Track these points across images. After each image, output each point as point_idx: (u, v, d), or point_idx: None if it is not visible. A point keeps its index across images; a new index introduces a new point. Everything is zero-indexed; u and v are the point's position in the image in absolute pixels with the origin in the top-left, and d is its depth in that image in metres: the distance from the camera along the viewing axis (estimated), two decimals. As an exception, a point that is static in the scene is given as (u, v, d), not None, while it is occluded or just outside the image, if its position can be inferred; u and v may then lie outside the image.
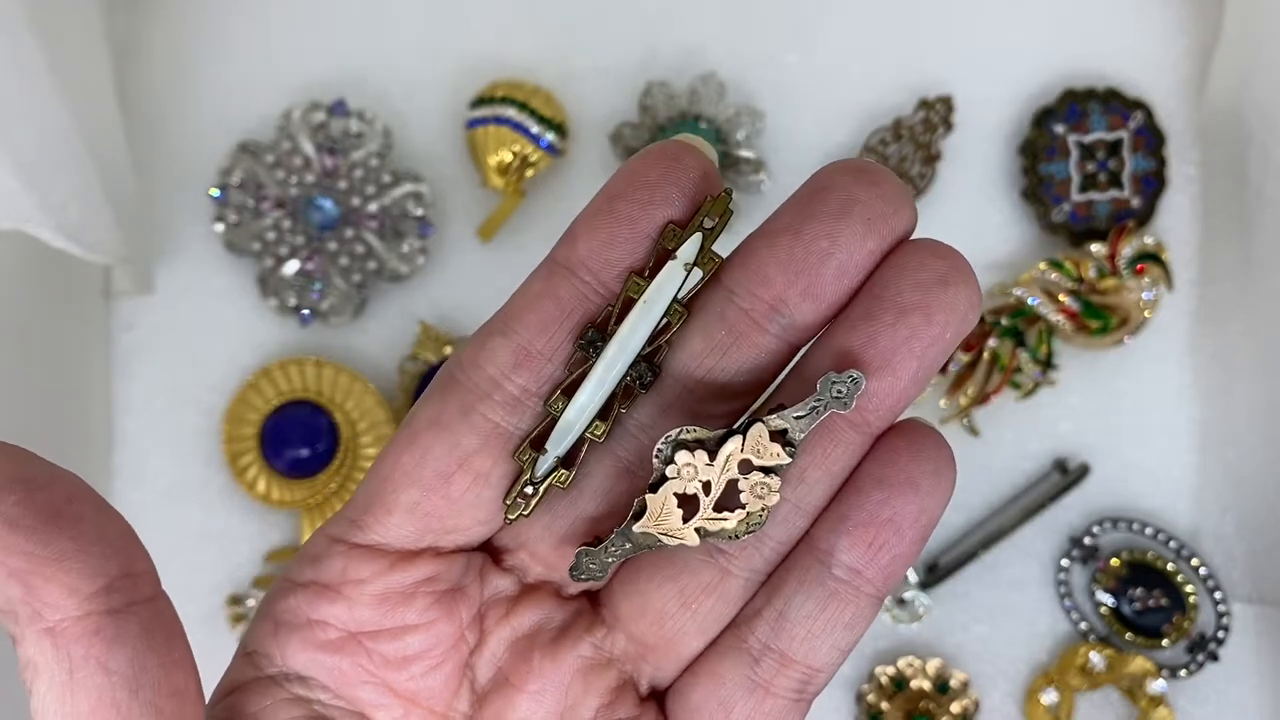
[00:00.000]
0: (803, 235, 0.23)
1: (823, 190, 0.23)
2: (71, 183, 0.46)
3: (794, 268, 0.23)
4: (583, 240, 0.24)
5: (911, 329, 0.23)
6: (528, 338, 0.23)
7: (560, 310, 0.23)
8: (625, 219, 0.23)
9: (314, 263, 0.53)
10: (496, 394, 0.24)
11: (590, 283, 0.24)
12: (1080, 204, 0.54)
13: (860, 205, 0.23)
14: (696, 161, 0.24)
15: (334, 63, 0.56)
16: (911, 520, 0.23)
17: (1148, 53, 0.56)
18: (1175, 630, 0.52)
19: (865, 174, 0.23)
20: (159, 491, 0.54)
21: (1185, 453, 0.54)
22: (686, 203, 0.23)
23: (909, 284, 0.23)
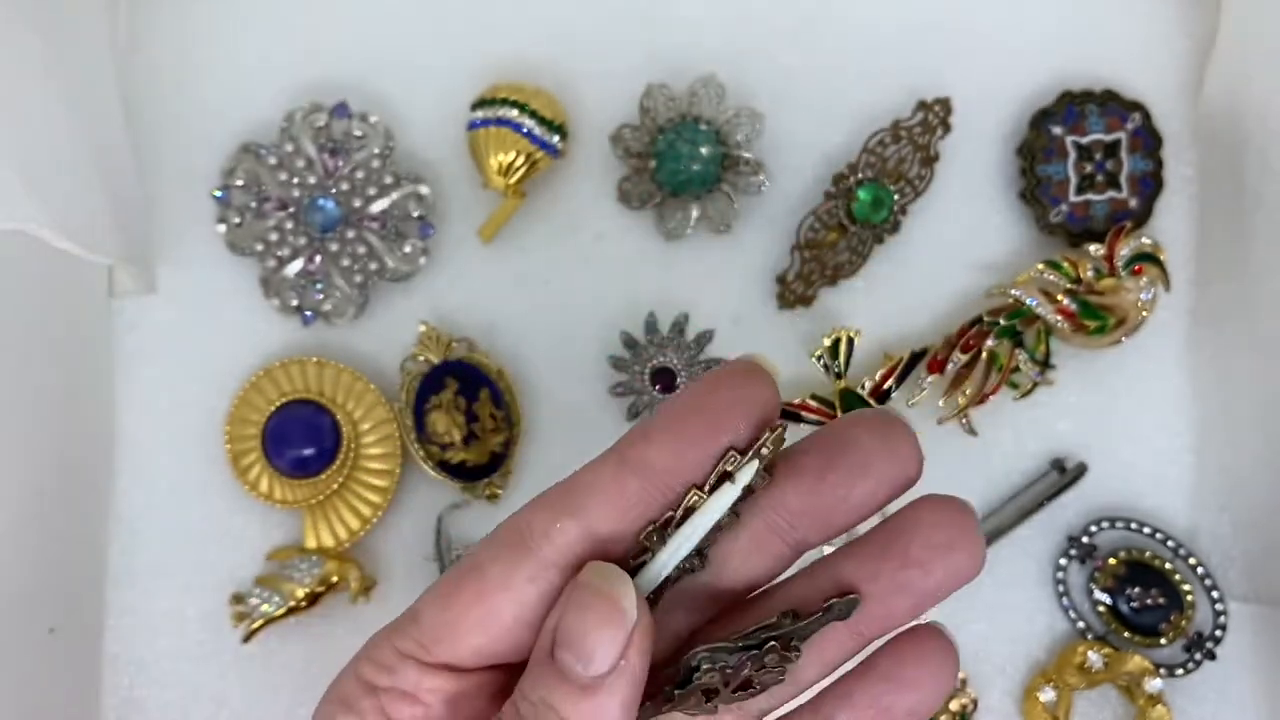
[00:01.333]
0: (825, 481, 0.27)
1: (847, 446, 0.27)
2: (74, 183, 0.46)
3: (813, 504, 0.27)
4: (655, 448, 0.27)
5: (910, 579, 0.27)
6: (594, 523, 0.27)
7: (625, 504, 0.27)
8: (695, 440, 0.27)
9: (316, 263, 0.53)
10: (561, 563, 0.27)
11: (655, 482, 0.27)
12: (1078, 205, 0.54)
13: (876, 465, 0.27)
14: (762, 384, 0.27)
15: (336, 65, 0.56)
16: (904, 712, 0.28)
17: (1145, 54, 0.56)
18: (1173, 629, 0.52)
19: (885, 435, 0.27)
20: (161, 491, 0.54)
21: (1182, 452, 0.54)
22: (751, 432, 0.27)
23: (919, 543, 0.27)
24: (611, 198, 0.55)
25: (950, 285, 0.55)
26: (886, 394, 0.53)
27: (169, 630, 0.53)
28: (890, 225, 0.54)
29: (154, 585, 0.54)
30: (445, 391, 0.52)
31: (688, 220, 0.54)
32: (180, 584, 0.54)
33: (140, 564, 0.53)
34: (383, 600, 0.53)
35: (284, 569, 0.52)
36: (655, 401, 0.53)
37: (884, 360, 0.53)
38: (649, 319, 0.54)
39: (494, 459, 0.53)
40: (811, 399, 0.53)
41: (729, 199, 0.54)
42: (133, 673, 0.53)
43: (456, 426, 0.52)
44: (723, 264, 0.55)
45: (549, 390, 0.54)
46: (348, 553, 0.53)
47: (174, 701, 0.53)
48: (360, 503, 0.53)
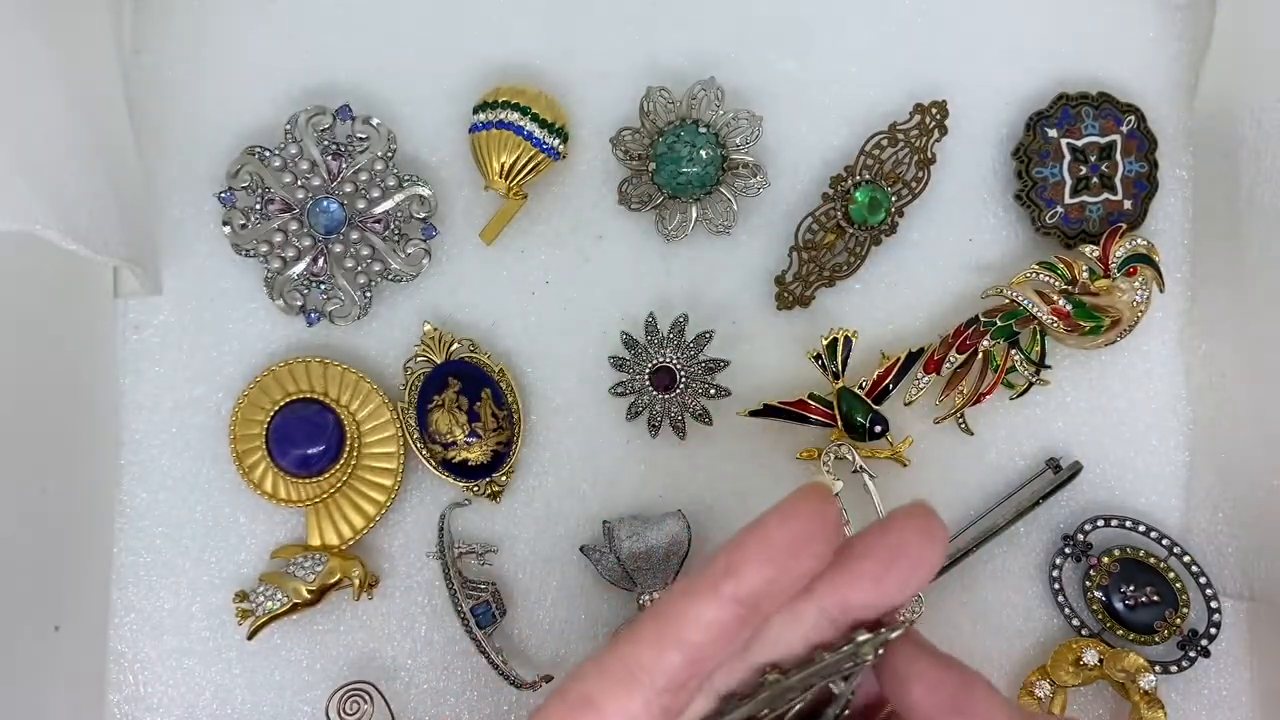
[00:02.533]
0: (883, 585, 0.31)
1: (899, 553, 0.31)
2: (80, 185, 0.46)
3: (872, 601, 0.31)
4: (747, 581, 0.30)
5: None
6: (699, 652, 0.30)
7: (722, 633, 0.30)
8: (784, 567, 0.30)
9: (320, 264, 0.54)
10: (669, 687, 0.30)
11: (748, 608, 0.30)
12: (1073, 207, 0.54)
13: (923, 565, 0.31)
14: (833, 512, 0.30)
15: (339, 68, 0.56)
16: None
17: (1140, 57, 0.57)
18: (1167, 626, 0.52)
19: (926, 536, 0.31)
20: (167, 489, 0.54)
21: (1176, 451, 0.55)
22: (828, 548, 0.30)
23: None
24: (612, 199, 0.55)
25: (946, 286, 0.55)
26: (884, 394, 0.53)
27: (174, 628, 0.54)
28: (887, 227, 0.54)
29: (159, 583, 0.54)
30: (448, 391, 0.53)
31: (687, 222, 0.54)
32: (185, 582, 0.54)
33: (145, 562, 0.54)
34: (386, 598, 0.54)
35: (288, 567, 0.52)
36: (655, 401, 0.54)
37: (881, 360, 0.53)
38: (649, 319, 0.54)
39: (496, 458, 0.53)
40: (810, 398, 0.53)
41: (728, 201, 0.54)
42: (138, 670, 0.53)
43: (459, 426, 0.52)
44: (722, 265, 0.55)
45: (550, 390, 0.55)
46: (351, 550, 0.53)
47: (179, 698, 0.53)
48: (364, 501, 0.53)
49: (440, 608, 0.53)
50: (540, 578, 0.54)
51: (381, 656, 0.53)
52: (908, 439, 0.53)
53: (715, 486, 0.54)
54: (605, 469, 0.54)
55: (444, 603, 0.52)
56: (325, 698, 0.52)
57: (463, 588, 0.51)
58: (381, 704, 0.51)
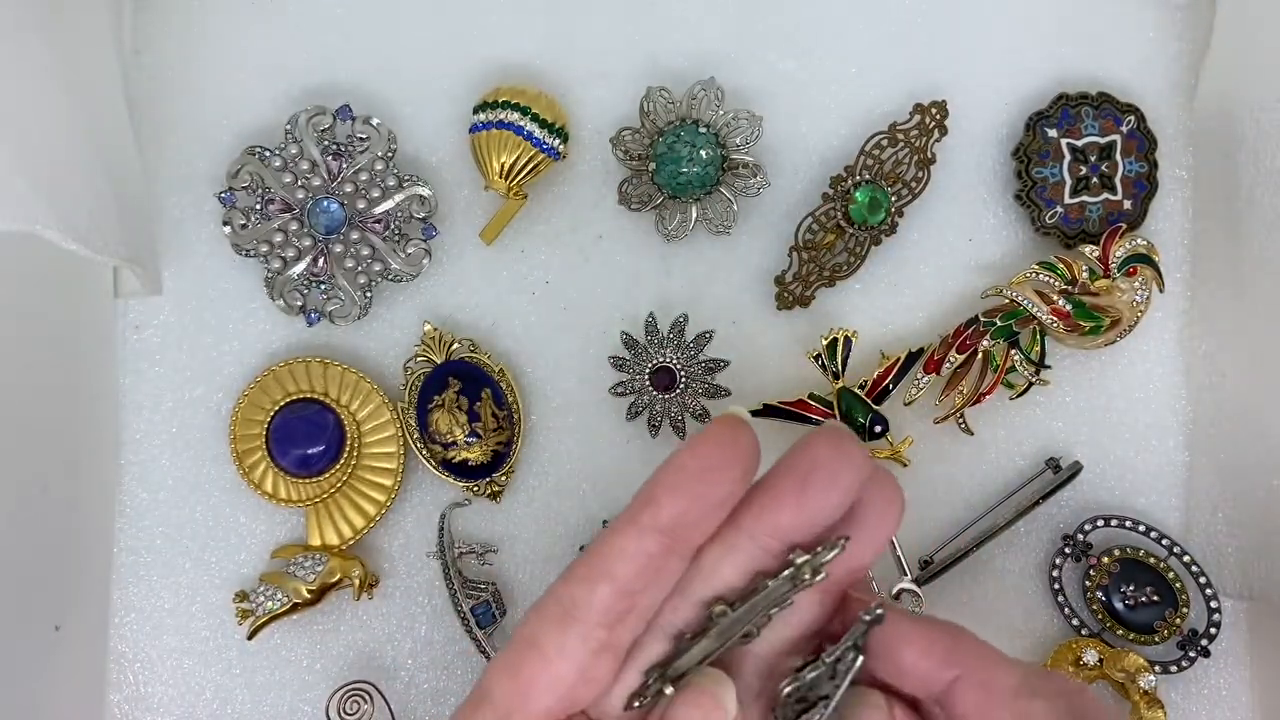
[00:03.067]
0: (806, 500, 0.32)
1: (807, 464, 0.32)
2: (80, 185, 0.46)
3: (799, 521, 0.32)
4: (666, 509, 0.31)
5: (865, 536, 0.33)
6: (624, 582, 0.31)
7: (649, 561, 0.31)
8: (697, 495, 0.31)
9: (320, 265, 0.54)
10: (603, 621, 0.31)
11: (670, 538, 0.31)
12: (1073, 207, 0.54)
13: (839, 479, 0.31)
14: (744, 436, 0.31)
15: (340, 68, 0.56)
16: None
17: (1140, 57, 0.57)
18: (1167, 626, 0.52)
19: (840, 450, 0.32)
20: (167, 489, 0.54)
21: (1176, 451, 0.55)
22: (741, 475, 0.31)
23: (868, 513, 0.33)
24: (612, 200, 0.55)
25: (946, 286, 0.55)
26: (884, 393, 0.53)
27: (174, 627, 0.54)
28: (887, 227, 0.54)
29: (159, 583, 0.54)
30: (448, 391, 0.53)
31: (687, 222, 0.54)
32: (185, 581, 0.54)
33: (145, 562, 0.54)
34: (386, 597, 0.54)
35: (288, 566, 0.52)
36: (655, 401, 0.54)
37: (881, 360, 0.53)
38: (649, 319, 0.54)
39: (496, 458, 0.53)
40: (810, 398, 0.53)
41: (728, 201, 0.54)
42: (138, 670, 0.54)
43: (459, 425, 0.52)
44: (722, 265, 0.55)
45: (550, 390, 0.55)
46: (351, 550, 0.53)
47: (179, 698, 0.53)
48: (364, 501, 0.53)
49: (440, 608, 0.53)
50: (540, 578, 0.54)
51: (381, 656, 0.53)
52: (907, 439, 0.53)
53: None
54: (605, 469, 0.55)
55: (444, 603, 0.52)
56: (325, 698, 0.52)
57: (463, 588, 0.51)
58: (381, 704, 0.51)
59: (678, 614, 0.32)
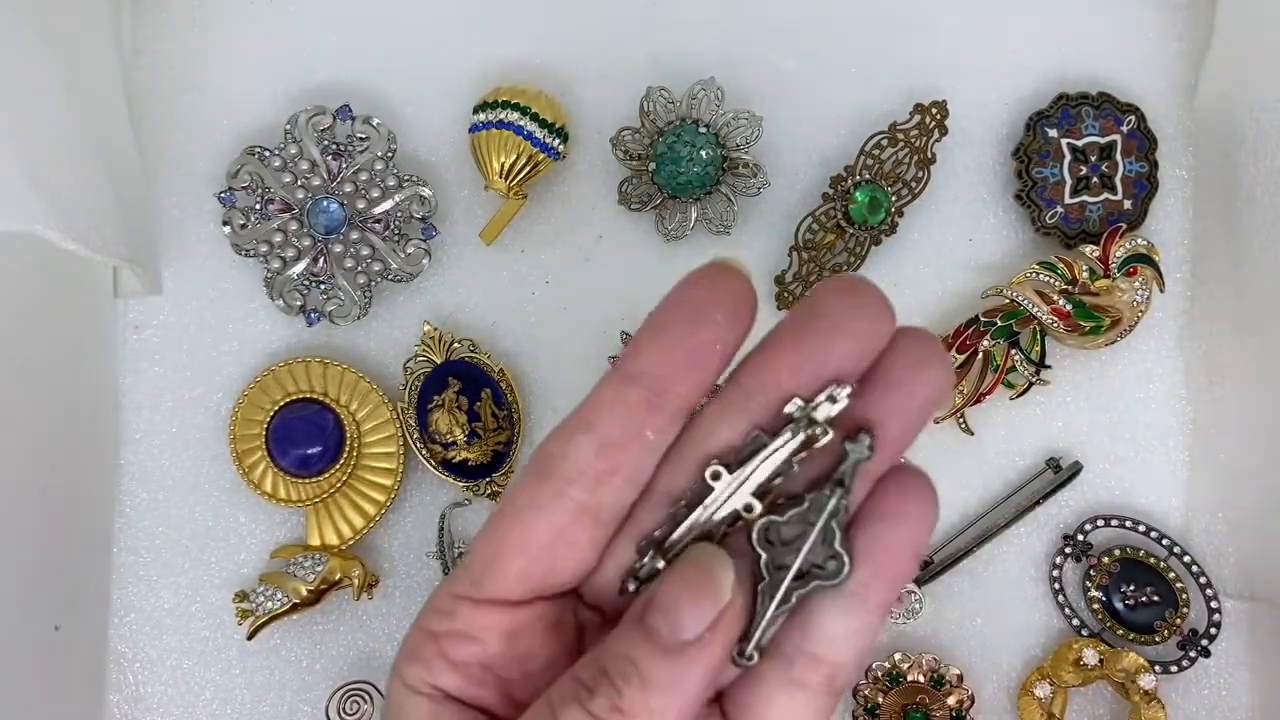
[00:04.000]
0: (803, 347, 0.29)
1: (816, 309, 0.29)
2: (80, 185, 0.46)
3: (798, 372, 0.29)
4: (645, 357, 0.29)
5: (896, 399, 0.29)
6: (605, 434, 0.29)
7: (629, 411, 0.29)
8: (680, 338, 0.28)
9: (320, 264, 0.54)
10: (580, 480, 0.29)
11: (652, 387, 0.28)
12: (1073, 207, 0.54)
13: (847, 324, 0.28)
14: (735, 281, 0.29)
15: (339, 68, 0.56)
16: (904, 545, 0.29)
17: (1140, 57, 0.57)
18: (1167, 626, 0.52)
19: (849, 291, 0.28)
20: (166, 489, 0.54)
21: (1176, 451, 0.55)
22: (729, 319, 0.29)
23: (895, 365, 0.29)
24: (612, 200, 0.55)
25: (946, 286, 0.55)
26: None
27: (174, 627, 0.54)
28: (887, 227, 0.54)
29: (158, 583, 0.54)
30: (448, 391, 0.52)
31: (687, 222, 0.54)
32: (185, 581, 0.54)
33: (145, 562, 0.54)
34: (386, 597, 0.54)
35: (288, 567, 0.52)
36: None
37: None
38: (649, 319, 0.54)
39: (496, 458, 0.53)
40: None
41: (728, 201, 0.54)
42: (137, 670, 0.53)
43: (459, 426, 0.52)
44: (722, 265, 0.55)
45: (550, 390, 0.55)
46: (351, 550, 0.53)
47: (179, 698, 0.53)
48: (363, 501, 0.53)
49: (440, 608, 0.53)
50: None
51: (381, 656, 0.53)
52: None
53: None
54: (605, 469, 0.54)
55: (444, 603, 0.52)
56: (325, 698, 0.52)
57: (463, 588, 0.51)
58: (382, 704, 0.51)
59: (675, 478, 0.30)
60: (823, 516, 0.29)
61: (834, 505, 0.29)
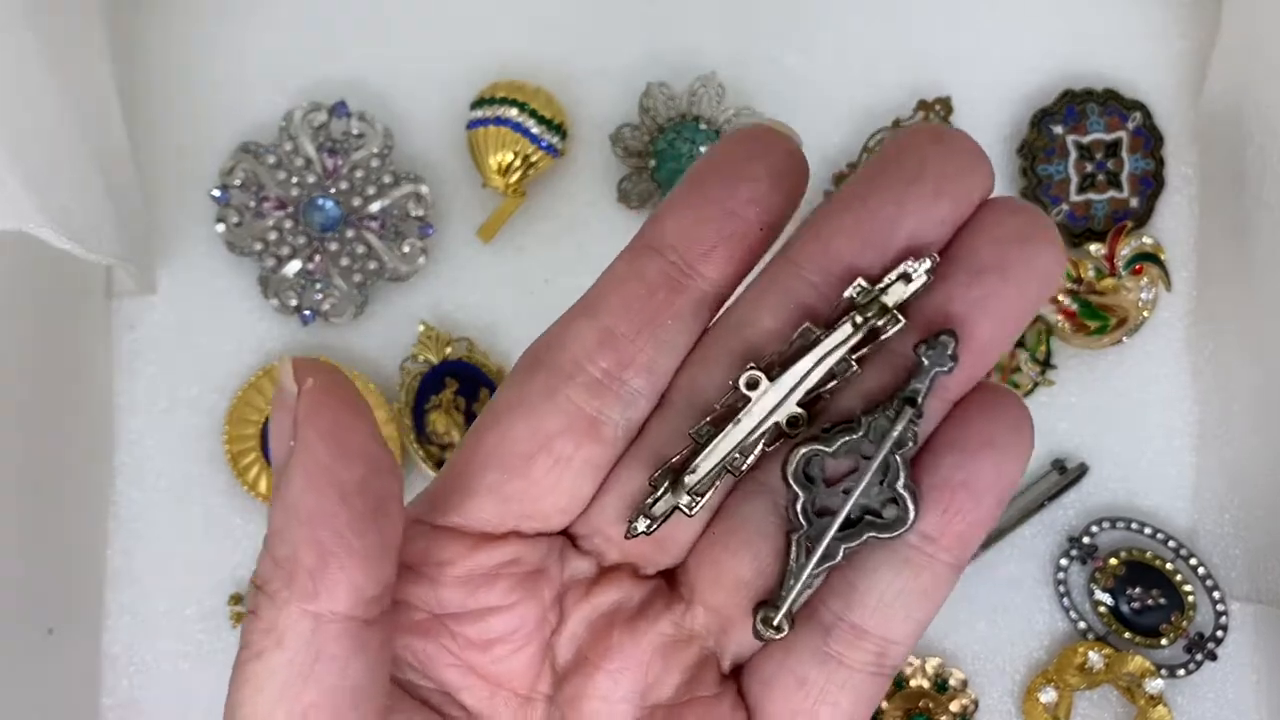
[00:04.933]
0: (869, 203, 0.22)
1: (891, 155, 0.22)
2: (73, 183, 0.46)
3: (861, 238, 0.22)
4: (670, 220, 0.23)
5: (987, 288, 0.22)
6: (612, 320, 0.23)
7: (646, 290, 0.23)
8: (712, 197, 0.23)
9: (315, 263, 0.53)
10: (580, 376, 0.23)
11: (677, 263, 0.23)
12: (1078, 204, 0.54)
13: (930, 167, 0.22)
14: (780, 141, 0.23)
15: (335, 64, 0.56)
16: (989, 483, 0.23)
17: (1146, 54, 0.56)
18: (1173, 629, 0.52)
19: (936, 136, 0.22)
20: (161, 491, 0.54)
21: (1183, 452, 0.54)
22: (772, 179, 0.23)
23: (984, 241, 0.22)
24: (611, 197, 0.55)
25: (951, 285, 0.55)
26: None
27: (168, 631, 0.53)
28: (890, 225, 0.54)
29: (153, 585, 0.53)
30: (445, 391, 0.52)
31: (688, 220, 0.54)
32: (179, 584, 0.53)
33: (139, 564, 0.53)
34: (382, 600, 0.53)
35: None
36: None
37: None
38: (649, 319, 0.53)
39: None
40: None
41: (729, 198, 0.53)
42: (132, 673, 0.53)
43: (456, 426, 0.52)
44: (723, 264, 0.55)
45: (549, 390, 0.54)
46: (347, 553, 0.53)
47: (173, 702, 0.53)
48: (360, 503, 0.53)
49: (438, 610, 0.53)
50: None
51: (378, 660, 0.53)
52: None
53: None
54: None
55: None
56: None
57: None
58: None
59: (701, 391, 0.23)
60: (884, 446, 0.22)
61: (900, 432, 0.22)
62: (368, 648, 0.21)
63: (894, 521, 0.23)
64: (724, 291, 0.23)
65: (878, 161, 0.22)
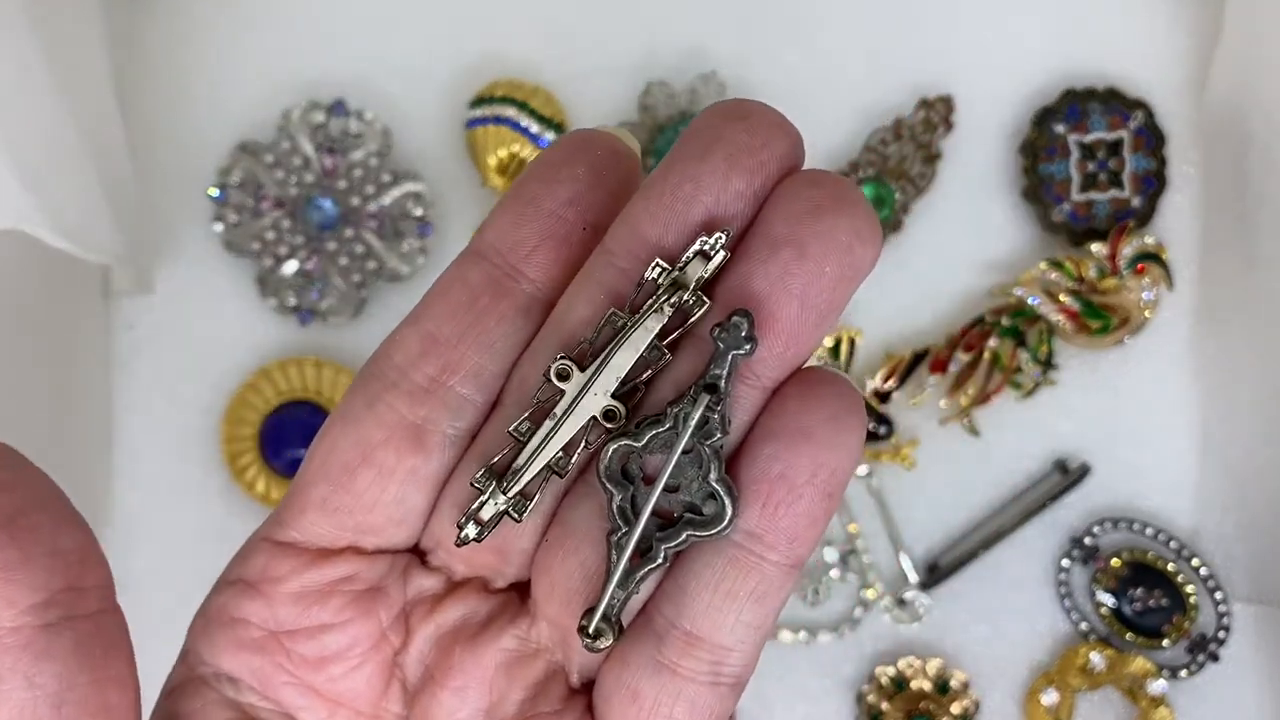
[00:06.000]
0: (669, 181, 0.21)
1: (689, 133, 0.22)
2: (71, 182, 0.46)
3: (664, 219, 0.21)
4: (492, 225, 0.23)
5: (784, 265, 0.21)
6: (435, 324, 0.23)
7: (468, 294, 0.22)
8: (531, 199, 0.22)
9: (313, 263, 0.53)
10: (403, 383, 0.23)
11: (499, 265, 0.23)
12: (1080, 204, 0.54)
13: (723, 143, 0.21)
14: (603, 140, 0.23)
15: (333, 62, 0.56)
16: (807, 476, 0.21)
17: (1148, 52, 0.56)
18: (1175, 630, 0.52)
19: (733, 110, 0.21)
20: (158, 491, 0.54)
21: (1186, 452, 0.54)
22: (592, 178, 0.22)
23: (779, 216, 0.21)
24: (611, 196, 0.54)
25: (952, 284, 0.55)
26: (888, 394, 0.52)
27: (166, 631, 0.53)
28: (892, 224, 0.54)
29: (150, 586, 0.53)
30: (444, 391, 0.52)
31: (688, 219, 0.53)
32: (177, 585, 0.53)
33: (137, 565, 0.53)
34: (381, 601, 0.53)
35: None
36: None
37: (886, 360, 0.53)
38: (649, 318, 0.53)
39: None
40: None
41: (729, 198, 0.53)
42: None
43: (455, 427, 0.52)
44: (723, 263, 0.55)
45: (548, 390, 0.54)
46: (346, 554, 0.52)
47: (171, 703, 0.53)
48: (358, 503, 0.52)
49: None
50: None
51: (377, 661, 0.53)
52: (913, 440, 0.53)
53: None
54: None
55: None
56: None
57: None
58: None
59: (527, 390, 0.23)
60: (684, 436, 0.21)
61: (700, 422, 0.21)
62: (54, 650, 0.21)
63: (713, 519, 0.21)
64: (553, 292, 0.23)
65: (680, 140, 0.22)
